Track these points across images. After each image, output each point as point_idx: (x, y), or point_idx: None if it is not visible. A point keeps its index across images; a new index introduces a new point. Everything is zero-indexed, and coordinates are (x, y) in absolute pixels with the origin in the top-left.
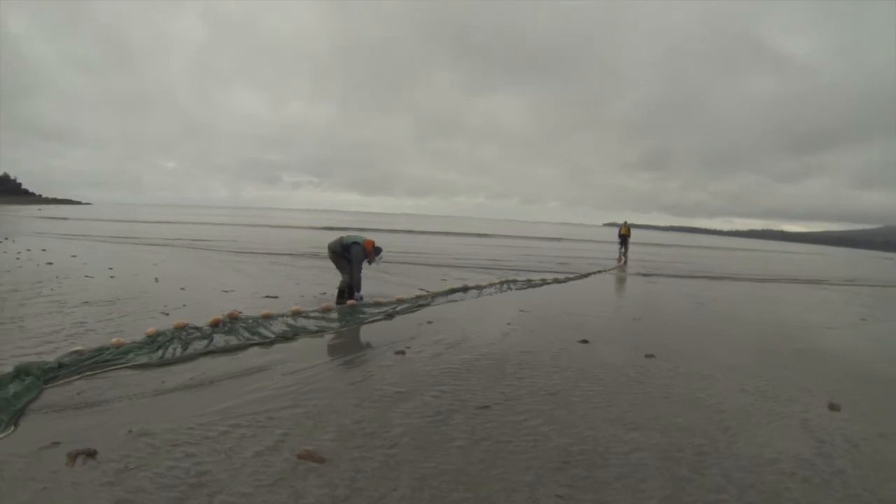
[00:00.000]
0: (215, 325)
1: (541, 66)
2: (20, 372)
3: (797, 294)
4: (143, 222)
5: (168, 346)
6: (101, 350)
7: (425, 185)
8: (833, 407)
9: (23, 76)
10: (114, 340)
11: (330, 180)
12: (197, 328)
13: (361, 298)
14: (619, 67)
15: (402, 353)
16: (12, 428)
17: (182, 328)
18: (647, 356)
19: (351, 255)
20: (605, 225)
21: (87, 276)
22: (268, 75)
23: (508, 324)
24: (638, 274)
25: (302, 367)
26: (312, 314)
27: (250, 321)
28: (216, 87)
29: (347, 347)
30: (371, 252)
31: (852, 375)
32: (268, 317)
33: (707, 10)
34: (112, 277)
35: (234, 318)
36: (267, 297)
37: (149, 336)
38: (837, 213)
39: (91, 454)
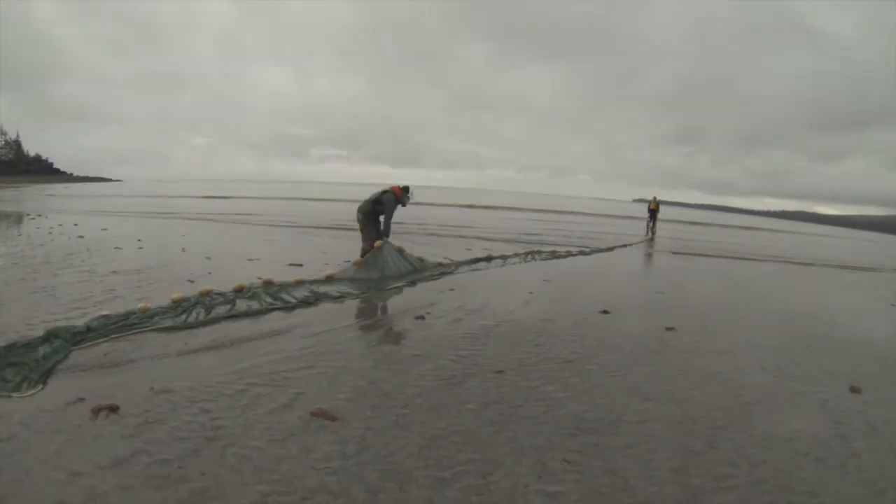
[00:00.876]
0: (239, 290)
1: (571, 40)
2: (50, 335)
3: (826, 277)
4: (173, 197)
5: (192, 311)
6: (127, 315)
7: (455, 158)
8: (854, 390)
9: (51, 59)
10: (140, 305)
11: (359, 153)
12: (221, 294)
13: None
14: (651, 41)
15: (422, 318)
16: (41, 386)
17: (206, 294)
18: (668, 329)
19: (383, 204)
20: (635, 200)
21: (116, 248)
22: (295, 51)
23: (530, 293)
24: (665, 251)
25: (321, 330)
26: (342, 279)
27: (275, 288)
28: (243, 63)
29: (368, 312)
30: (401, 194)
31: (877, 360)
32: (300, 282)
33: None
34: (140, 249)
35: (268, 283)
36: (291, 264)
37: (174, 301)
38: (874, 196)
39: (113, 409)
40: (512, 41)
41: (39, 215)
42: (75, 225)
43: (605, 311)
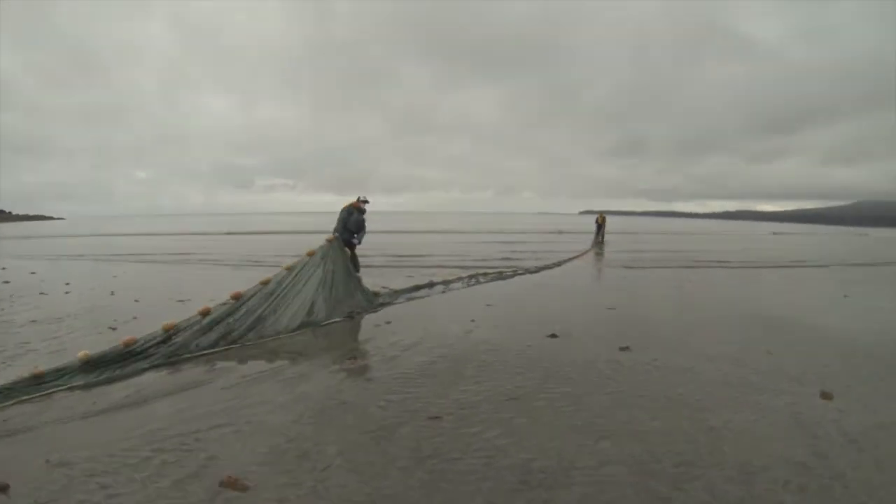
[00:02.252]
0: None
1: (509, 59)
2: None
3: (776, 277)
4: (113, 235)
5: (107, 368)
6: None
7: (400, 182)
8: (825, 395)
9: None
10: (80, 354)
11: (304, 182)
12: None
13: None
14: (589, 57)
15: (354, 358)
16: None
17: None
18: (622, 349)
19: (356, 222)
20: (582, 213)
21: (41, 294)
22: (237, 80)
23: (472, 320)
24: (614, 264)
25: (240, 379)
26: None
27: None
28: (186, 93)
29: (296, 353)
30: (361, 206)
31: (841, 357)
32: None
33: None
34: (67, 293)
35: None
36: (224, 304)
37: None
38: (810, 191)
39: (3, 489)
40: (454, 61)
41: None
42: (3, 269)
43: (553, 335)
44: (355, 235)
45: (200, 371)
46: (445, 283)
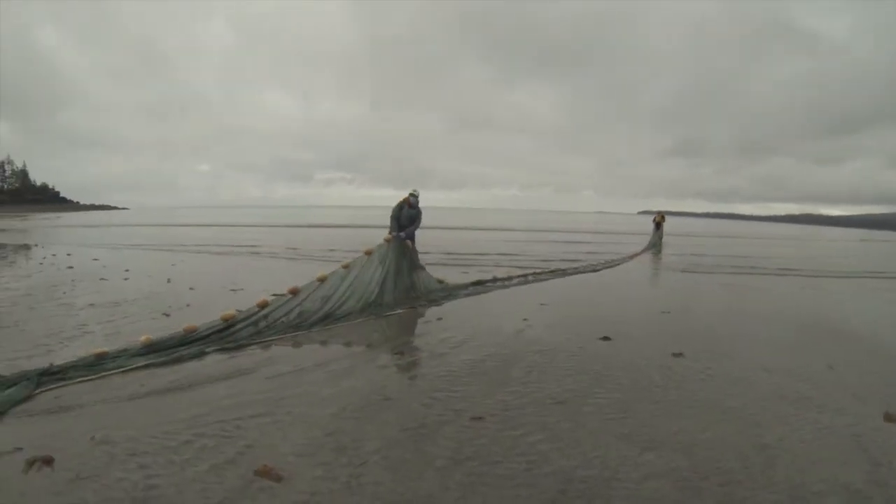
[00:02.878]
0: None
1: (568, 58)
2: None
3: (844, 286)
4: (174, 225)
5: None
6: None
7: (458, 178)
8: (889, 418)
9: (57, 87)
10: (143, 338)
11: (363, 176)
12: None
13: (406, 237)
14: (649, 54)
15: (401, 353)
16: None
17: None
18: (675, 355)
19: (408, 217)
20: (640, 213)
21: (101, 279)
22: (297, 75)
23: (525, 319)
24: (670, 268)
25: (288, 369)
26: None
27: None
28: (246, 88)
29: (343, 347)
30: (410, 200)
31: None
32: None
33: None
34: (126, 280)
35: (190, 330)
36: (275, 294)
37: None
38: (878, 195)
39: (48, 461)
40: (513, 59)
41: (36, 245)
42: (68, 255)
43: (606, 338)
44: (403, 231)
45: (246, 360)
46: (497, 279)
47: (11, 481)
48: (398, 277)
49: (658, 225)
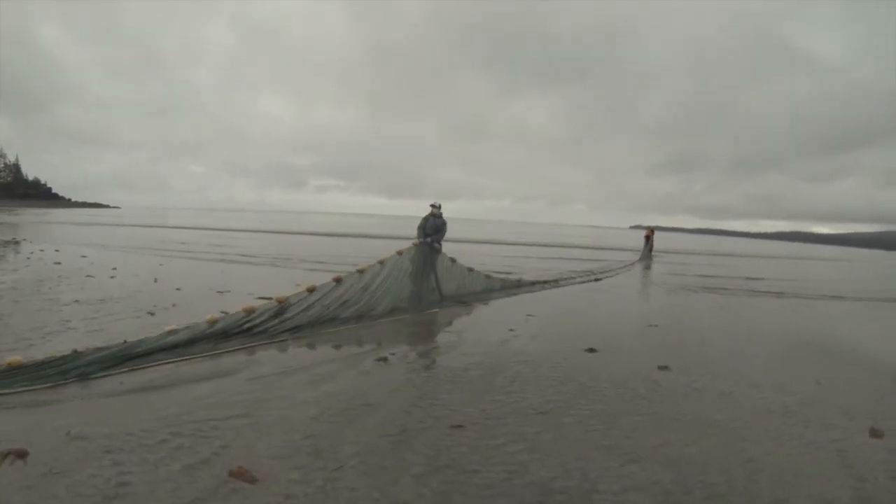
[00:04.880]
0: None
1: (565, 71)
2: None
3: (831, 306)
4: (164, 227)
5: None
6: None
7: (452, 188)
8: (875, 433)
9: (54, 83)
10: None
11: (357, 184)
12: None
13: (432, 242)
14: (646, 69)
15: (385, 359)
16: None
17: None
18: (661, 368)
19: (433, 226)
20: (632, 227)
21: (88, 276)
22: (295, 80)
23: (511, 330)
24: (661, 282)
25: (270, 371)
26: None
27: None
28: (244, 91)
29: (327, 352)
30: (433, 209)
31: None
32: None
33: (734, 11)
34: (112, 277)
35: (249, 311)
36: (261, 297)
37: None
38: (868, 213)
39: (22, 455)
40: (510, 71)
41: (24, 240)
42: (56, 251)
43: (592, 349)
44: (430, 237)
45: (229, 362)
46: (527, 284)
47: None
48: (425, 277)
49: (647, 239)
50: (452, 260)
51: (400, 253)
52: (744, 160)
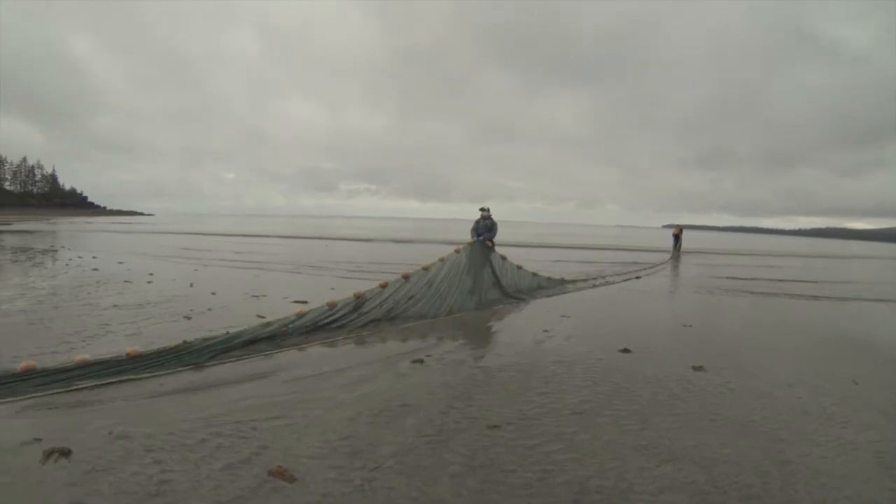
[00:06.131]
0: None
1: (591, 70)
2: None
3: (868, 308)
4: (197, 234)
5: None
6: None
7: (482, 189)
8: None
9: (87, 93)
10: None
11: (388, 188)
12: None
13: (484, 241)
14: (671, 65)
15: (421, 361)
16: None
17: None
18: (696, 368)
19: (485, 227)
20: (664, 227)
21: (126, 282)
22: (322, 85)
23: (545, 331)
24: (692, 284)
25: (307, 373)
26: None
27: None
28: (273, 98)
29: (362, 355)
30: (483, 212)
31: None
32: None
33: (756, 4)
34: (149, 283)
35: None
36: (296, 301)
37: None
38: None
39: (65, 453)
40: (536, 71)
41: (63, 248)
42: (94, 258)
43: (626, 350)
44: (481, 236)
45: (264, 364)
46: (569, 282)
47: (29, 470)
48: (482, 273)
49: (676, 238)
50: (503, 258)
51: (458, 251)
52: (774, 155)
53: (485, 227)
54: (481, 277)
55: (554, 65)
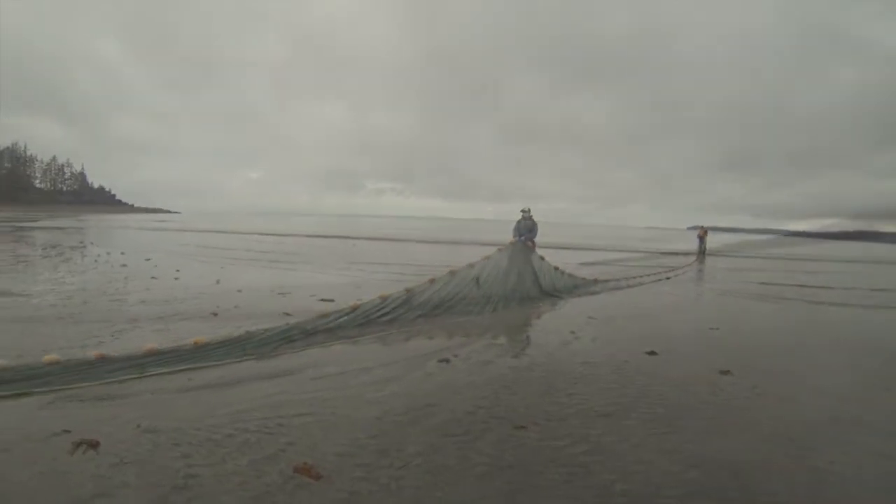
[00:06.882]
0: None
1: (617, 68)
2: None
3: None
4: (225, 233)
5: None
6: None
7: (507, 189)
8: None
9: (115, 95)
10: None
11: (413, 187)
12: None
13: (525, 241)
14: (697, 65)
15: (447, 360)
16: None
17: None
18: (723, 372)
19: (526, 227)
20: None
21: (153, 278)
22: (347, 85)
23: (572, 332)
24: (718, 287)
25: (333, 371)
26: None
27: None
28: (298, 99)
29: (388, 354)
30: (524, 214)
31: None
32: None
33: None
34: (176, 279)
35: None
36: (322, 300)
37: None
38: None
39: (94, 445)
40: (561, 72)
41: (91, 244)
42: (122, 254)
43: (652, 352)
44: (522, 236)
45: (292, 362)
46: (602, 282)
47: (57, 461)
48: (523, 271)
49: (701, 239)
50: (542, 258)
51: (500, 250)
52: (803, 156)
53: (526, 228)
54: (522, 276)
55: (580, 66)
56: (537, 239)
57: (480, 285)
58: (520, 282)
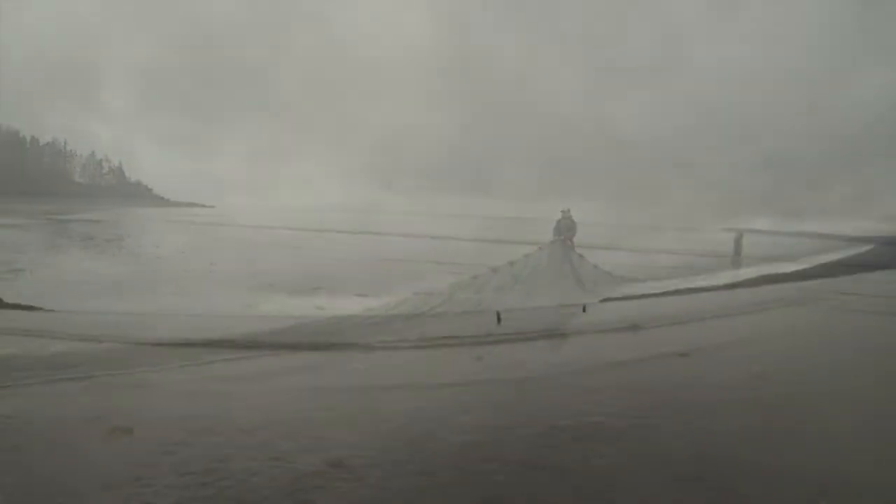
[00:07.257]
0: None
1: (652, 69)
2: None
3: None
4: (259, 227)
5: None
6: None
7: (539, 189)
8: None
9: (152, 91)
10: None
11: (446, 183)
12: None
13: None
14: (728, 65)
15: (480, 358)
16: None
17: None
18: (756, 377)
19: (566, 227)
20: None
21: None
22: (381, 83)
23: (603, 331)
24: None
25: (363, 367)
26: None
27: None
28: (332, 97)
29: (418, 352)
30: (564, 214)
31: None
32: None
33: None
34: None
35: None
36: (357, 294)
37: None
38: None
39: (127, 431)
40: (595, 73)
41: (129, 237)
42: (156, 247)
43: (684, 354)
44: (563, 235)
45: (324, 356)
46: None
47: (90, 446)
48: (562, 269)
49: (736, 242)
50: (581, 256)
51: (540, 248)
52: (840, 157)
53: (565, 227)
54: (562, 273)
55: (612, 65)
56: (576, 239)
57: (521, 282)
58: (558, 279)
